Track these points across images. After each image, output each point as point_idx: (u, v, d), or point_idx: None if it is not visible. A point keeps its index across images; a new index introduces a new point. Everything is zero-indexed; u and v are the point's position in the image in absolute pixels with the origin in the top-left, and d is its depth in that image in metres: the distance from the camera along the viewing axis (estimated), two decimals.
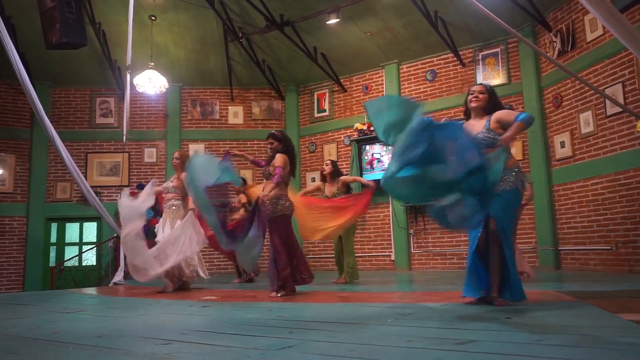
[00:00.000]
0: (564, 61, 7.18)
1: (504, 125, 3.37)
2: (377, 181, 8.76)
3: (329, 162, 6.47)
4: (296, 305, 4.01)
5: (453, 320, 2.86)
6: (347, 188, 6.33)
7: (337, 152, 9.71)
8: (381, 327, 2.70)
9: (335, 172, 6.35)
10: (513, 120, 3.30)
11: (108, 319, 3.54)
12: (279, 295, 4.57)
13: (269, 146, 4.95)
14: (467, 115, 3.70)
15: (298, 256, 4.88)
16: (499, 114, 3.45)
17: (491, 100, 3.57)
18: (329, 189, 6.30)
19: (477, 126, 3.50)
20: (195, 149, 10.13)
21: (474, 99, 3.57)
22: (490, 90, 3.62)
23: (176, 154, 6.00)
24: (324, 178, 6.40)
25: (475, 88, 3.66)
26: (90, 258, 9.93)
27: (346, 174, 7.41)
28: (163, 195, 5.92)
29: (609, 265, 6.44)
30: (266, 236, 4.84)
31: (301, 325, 2.89)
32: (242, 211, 6.91)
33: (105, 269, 9.55)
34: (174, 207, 5.78)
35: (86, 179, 8.68)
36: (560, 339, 2.17)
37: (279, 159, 4.76)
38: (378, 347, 2.18)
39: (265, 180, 4.93)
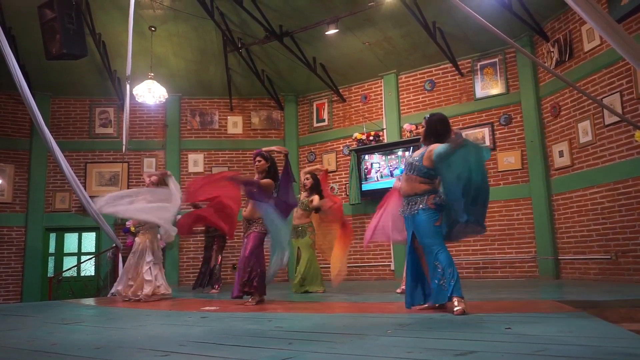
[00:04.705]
0: (561, 71, 7.22)
1: (429, 160, 3.77)
2: (371, 191, 8.85)
3: (309, 175, 6.68)
4: (295, 316, 4.00)
5: (453, 331, 2.85)
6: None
7: (337, 161, 9.72)
8: (381, 338, 2.68)
9: (316, 186, 6.60)
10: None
11: (106, 330, 3.52)
12: (253, 303, 4.88)
13: (257, 163, 5.15)
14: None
15: (264, 271, 5.15)
16: (430, 148, 3.82)
17: (428, 130, 3.92)
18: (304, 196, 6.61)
19: (418, 152, 3.92)
20: (195, 159, 10.15)
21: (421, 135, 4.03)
22: (428, 121, 3.96)
23: (153, 178, 6.18)
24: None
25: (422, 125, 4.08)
26: (88, 268, 9.90)
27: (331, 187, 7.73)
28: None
29: (608, 274, 6.43)
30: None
31: (301, 336, 2.88)
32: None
33: (104, 279, 9.51)
34: (152, 229, 5.96)
35: (85, 189, 8.68)
36: (561, 350, 2.16)
37: (265, 184, 5.03)
38: (378, 358, 2.17)
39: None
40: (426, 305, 3.89)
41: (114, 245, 9.10)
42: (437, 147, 3.69)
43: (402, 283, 5.52)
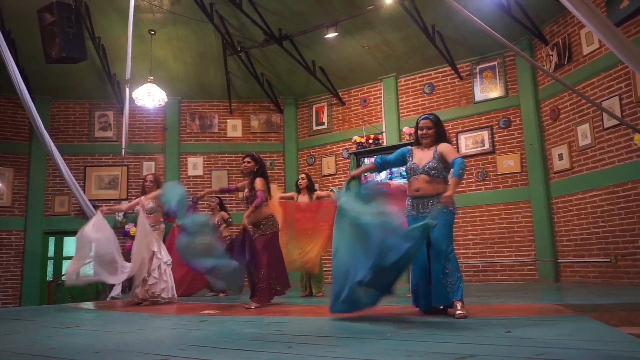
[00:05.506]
0: (560, 74, 7.23)
1: (444, 160, 3.79)
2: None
3: (304, 175, 6.62)
4: (295, 319, 3.99)
5: (453, 334, 2.84)
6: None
7: (336, 164, 9.72)
8: (381, 341, 2.68)
9: (310, 186, 6.53)
10: (452, 161, 3.71)
11: (105, 334, 3.51)
12: (252, 307, 4.80)
13: (245, 164, 5.16)
14: (417, 142, 4.05)
15: (280, 269, 5.14)
16: (443, 148, 3.83)
17: (437, 131, 3.94)
18: (301, 200, 6.46)
19: (425, 156, 3.89)
20: (194, 162, 10.15)
21: (424, 135, 3.95)
22: (435, 121, 3.97)
23: (150, 177, 6.13)
24: (298, 190, 6.53)
25: (422, 123, 3.98)
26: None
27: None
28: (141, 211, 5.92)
29: (608, 277, 6.42)
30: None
31: (300, 340, 2.87)
32: (223, 227, 7.31)
33: (103, 283, 9.47)
34: (159, 228, 5.94)
35: (85, 193, 8.68)
36: (560, 353, 2.15)
37: (259, 183, 4.99)
38: None
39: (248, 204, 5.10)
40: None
41: None
42: (459, 160, 3.69)
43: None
